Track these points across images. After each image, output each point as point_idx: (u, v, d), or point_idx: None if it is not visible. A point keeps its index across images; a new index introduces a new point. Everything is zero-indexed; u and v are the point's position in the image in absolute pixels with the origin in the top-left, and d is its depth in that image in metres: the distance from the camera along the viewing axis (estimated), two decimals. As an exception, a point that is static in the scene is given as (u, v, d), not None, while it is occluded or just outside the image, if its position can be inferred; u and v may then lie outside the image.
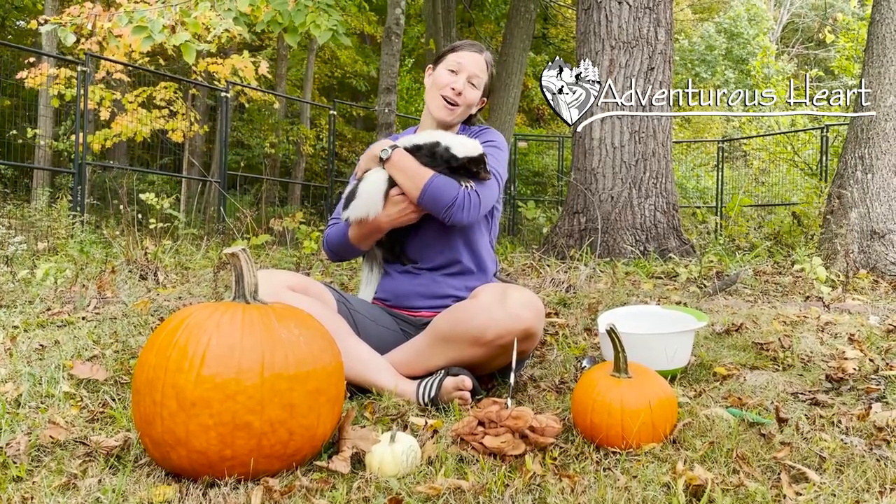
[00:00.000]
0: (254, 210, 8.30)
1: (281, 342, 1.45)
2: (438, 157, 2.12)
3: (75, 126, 8.41)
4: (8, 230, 5.07)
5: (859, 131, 5.39)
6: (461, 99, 2.30)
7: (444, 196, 2.09)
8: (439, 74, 2.32)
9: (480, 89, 2.34)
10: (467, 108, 2.35)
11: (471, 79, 2.31)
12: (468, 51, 2.33)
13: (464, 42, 2.39)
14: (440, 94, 2.30)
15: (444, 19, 11.62)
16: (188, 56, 4.99)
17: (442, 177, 2.11)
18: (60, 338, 2.53)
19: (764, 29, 22.69)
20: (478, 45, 2.37)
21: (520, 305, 1.99)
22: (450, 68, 2.31)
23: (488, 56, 2.37)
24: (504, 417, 1.61)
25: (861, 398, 2.03)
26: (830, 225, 5.30)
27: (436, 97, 2.32)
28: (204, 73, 12.79)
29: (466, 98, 2.31)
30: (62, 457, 1.52)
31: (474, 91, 2.33)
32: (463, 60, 2.30)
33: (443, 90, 2.30)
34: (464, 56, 2.32)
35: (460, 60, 2.30)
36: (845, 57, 12.54)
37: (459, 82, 2.29)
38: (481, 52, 2.35)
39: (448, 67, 2.31)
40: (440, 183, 2.10)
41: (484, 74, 2.34)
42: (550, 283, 4.20)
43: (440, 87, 2.30)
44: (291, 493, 1.36)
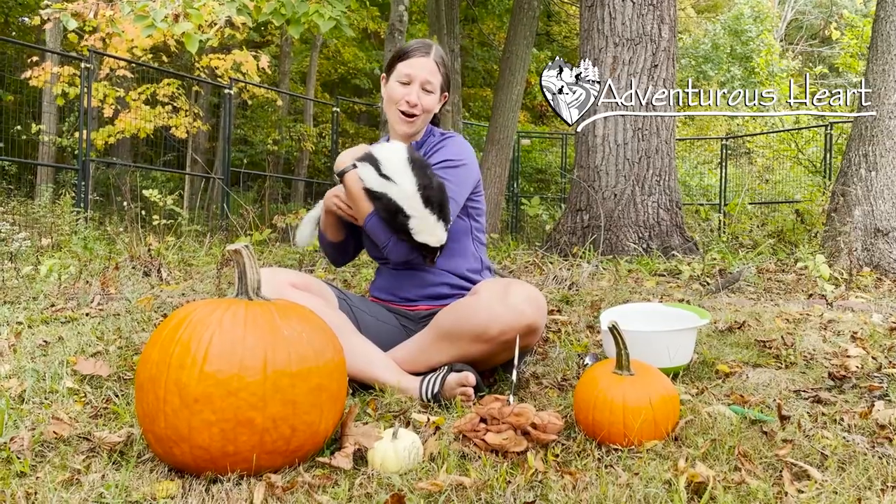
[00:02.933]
0: (257, 207, 8.31)
1: (283, 339, 1.46)
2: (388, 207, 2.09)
3: (79, 123, 8.42)
4: (12, 226, 5.09)
5: (863, 129, 5.37)
6: (418, 109, 2.26)
7: (377, 236, 2.16)
8: (392, 88, 2.27)
9: (437, 91, 2.29)
10: (427, 114, 2.31)
11: (424, 85, 2.25)
12: (416, 56, 2.26)
13: (410, 45, 2.31)
14: (397, 109, 2.27)
15: (446, 16, 11.60)
16: (191, 46, 4.98)
17: (377, 219, 2.12)
18: (64, 334, 2.54)
19: (768, 26, 22.63)
20: (425, 44, 2.30)
21: (522, 300, 1.99)
22: (400, 80, 2.25)
23: (438, 53, 2.31)
24: (506, 414, 1.62)
25: (864, 396, 2.03)
26: (834, 223, 5.29)
27: (393, 111, 2.28)
28: (207, 70, 12.80)
29: (423, 106, 2.27)
30: (66, 452, 1.52)
31: (430, 96, 2.28)
32: (412, 70, 2.25)
33: (398, 104, 2.26)
34: (412, 64, 2.25)
35: (409, 71, 2.25)
36: (850, 54, 12.51)
37: (413, 94, 2.24)
38: (429, 52, 2.28)
39: (399, 80, 2.26)
40: (375, 224, 2.13)
41: (437, 75, 2.28)
42: (553, 280, 4.20)
43: (395, 102, 2.26)
44: (294, 489, 1.36)
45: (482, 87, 18.78)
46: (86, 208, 7.55)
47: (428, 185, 2.06)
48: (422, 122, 2.31)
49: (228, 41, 13.84)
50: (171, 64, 14.83)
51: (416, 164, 2.09)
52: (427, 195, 2.05)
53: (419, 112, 2.27)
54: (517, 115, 10.58)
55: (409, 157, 2.10)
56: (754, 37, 21.69)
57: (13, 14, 16.29)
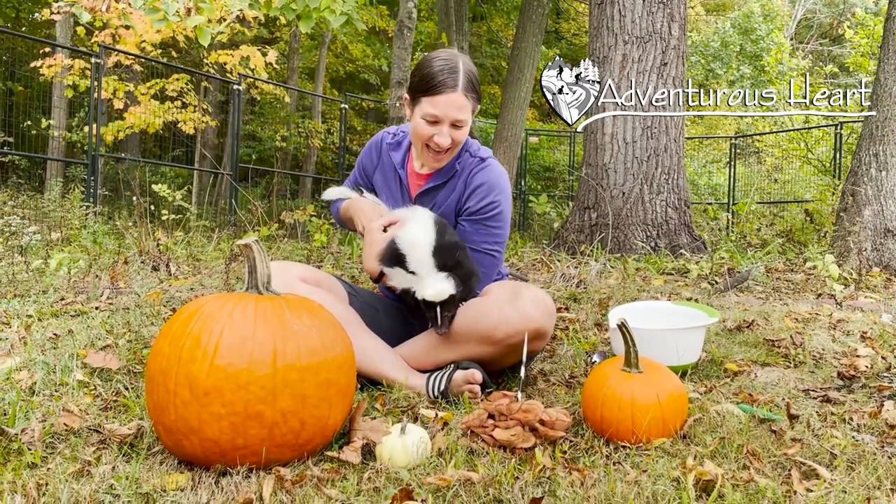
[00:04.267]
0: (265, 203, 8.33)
1: (293, 333, 1.46)
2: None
3: (89, 117, 8.45)
4: (22, 220, 5.11)
5: (874, 128, 5.35)
6: (450, 144, 2.07)
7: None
8: (418, 126, 2.06)
9: (469, 119, 2.07)
10: (458, 146, 2.13)
11: (455, 123, 2.04)
12: (444, 94, 2.00)
13: (435, 76, 2.01)
14: (424, 144, 2.10)
15: (456, 13, 11.59)
16: (203, 39, 4.97)
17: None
18: (74, 327, 2.56)
19: (778, 25, 22.51)
20: (452, 71, 2.02)
21: (531, 304, 1.99)
22: (428, 119, 2.04)
23: (467, 78, 2.04)
24: (514, 410, 1.62)
25: (873, 396, 2.02)
26: (843, 222, 5.27)
27: (420, 145, 2.11)
28: (215, 65, 12.82)
29: (456, 140, 2.08)
30: (76, 444, 1.53)
31: (462, 130, 2.07)
32: (440, 110, 2.01)
33: (429, 143, 2.08)
34: (438, 103, 2.01)
35: (437, 111, 2.01)
36: (861, 53, 12.43)
37: (444, 136, 2.04)
38: (457, 84, 2.01)
39: (426, 119, 2.04)
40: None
41: (468, 108, 2.05)
42: (561, 278, 4.19)
43: (422, 138, 2.08)
44: (303, 483, 1.37)
45: (490, 85, 18.75)
46: (95, 203, 7.58)
47: (455, 265, 1.96)
48: (453, 154, 2.15)
49: (238, 37, 13.89)
50: (180, 60, 14.86)
51: (441, 251, 1.96)
52: (453, 279, 1.96)
53: (451, 147, 2.09)
54: (525, 113, 10.58)
55: (434, 247, 1.95)
56: (764, 35, 21.57)
57: (24, 10, 16.36)
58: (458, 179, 2.18)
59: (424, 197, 2.22)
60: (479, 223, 2.15)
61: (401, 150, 2.29)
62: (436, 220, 2.03)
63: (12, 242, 4.71)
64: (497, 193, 2.15)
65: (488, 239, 2.16)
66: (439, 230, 1.99)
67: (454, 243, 2.00)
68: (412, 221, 2.03)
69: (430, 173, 2.22)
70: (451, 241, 1.99)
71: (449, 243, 1.98)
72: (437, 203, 2.20)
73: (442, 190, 2.20)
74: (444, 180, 2.19)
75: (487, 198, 2.13)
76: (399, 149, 2.29)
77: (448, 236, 2.00)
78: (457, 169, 2.19)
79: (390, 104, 7.69)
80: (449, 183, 2.19)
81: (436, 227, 1.99)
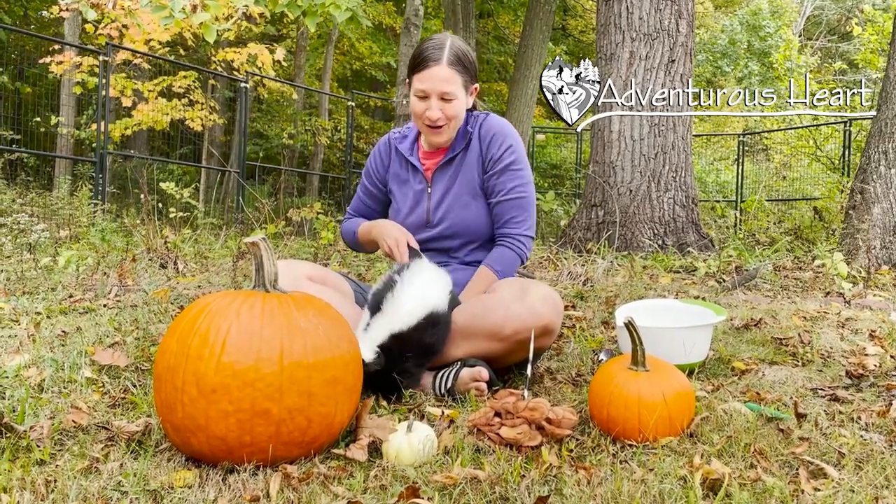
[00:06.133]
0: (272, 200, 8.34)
1: (300, 331, 1.46)
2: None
3: (97, 115, 8.48)
4: (31, 218, 5.14)
5: (883, 126, 5.31)
6: (441, 121, 2.18)
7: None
8: (413, 104, 2.20)
9: (459, 95, 2.18)
10: (455, 120, 2.22)
11: (443, 96, 2.15)
12: (429, 67, 2.13)
13: (421, 52, 2.17)
14: (422, 123, 2.22)
15: (462, 10, 11.58)
16: (209, 35, 4.98)
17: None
18: (82, 324, 2.57)
19: (787, 21, 22.40)
20: (437, 47, 2.15)
21: (539, 301, 1.99)
22: (418, 95, 2.17)
23: (452, 52, 2.15)
24: (521, 409, 1.62)
25: (881, 395, 2.01)
26: (852, 220, 5.24)
27: (419, 123, 2.23)
28: (223, 63, 12.85)
29: (447, 115, 2.18)
30: (84, 441, 1.54)
31: (452, 103, 2.17)
32: (425, 84, 2.14)
33: (422, 119, 2.20)
34: (424, 78, 2.14)
35: (423, 86, 2.14)
36: (870, 50, 12.35)
37: (434, 109, 2.16)
38: (440, 57, 2.13)
39: (416, 95, 2.18)
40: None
41: (454, 80, 2.15)
42: (568, 276, 4.19)
43: (417, 116, 2.21)
44: (309, 480, 1.37)
45: (497, 82, 18.75)
46: (103, 200, 7.61)
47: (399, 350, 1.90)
48: (452, 129, 2.24)
49: (245, 35, 13.90)
50: (187, 57, 14.89)
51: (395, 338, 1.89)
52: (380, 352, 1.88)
53: (444, 122, 2.19)
54: (532, 110, 10.56)
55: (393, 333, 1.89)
56: (772, 32, 21.48)
57: (32, 8, 16.42)
58: (475, 135, 2.29)
59: (442, 172, 2.30)
60: (505, 170, 2.25)
61: (408, 140, 2.38)
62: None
63: (21, 240, 4.74)
64: (508, 137, 2.28)
65: (520, 182, 2.26)
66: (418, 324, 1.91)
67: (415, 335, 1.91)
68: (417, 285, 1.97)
69: (444, 148, 2.31)
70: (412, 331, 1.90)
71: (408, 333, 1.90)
72: (455, 174, 2.28)
73: (461, 155, 2.29)
74: (462, 147, 2.28)
75: (504, 143, 2.26)
76: (406, 140, 2.38)
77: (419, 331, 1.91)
78: (470, 132, 2.30)
79: (397, 102, 7.70)
80: (466, 146, 2.29)
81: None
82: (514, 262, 2.26)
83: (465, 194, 2.27)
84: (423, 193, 2.31)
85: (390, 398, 1.89)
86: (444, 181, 2.29)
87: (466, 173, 2.28)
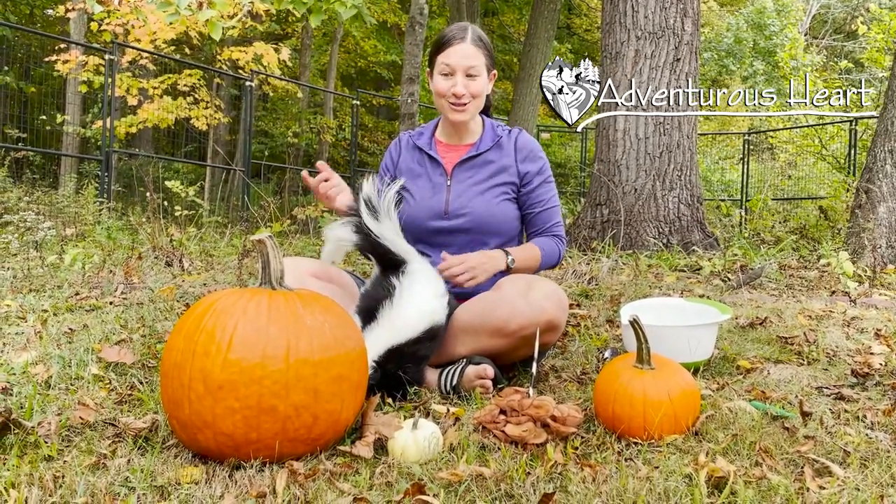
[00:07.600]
0: (277, 199, 8.35)
1: (306, 328, 1.47)
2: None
3: (102, 114, 8.50)
4: (37, 216, 5.16)
5: (889, 124, 5.29)
6: (466, 97, 2.25)
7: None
8: (437, 83, 2.27)
9: (482, 73, 2.27)
10: (478, 99, 2.29)
11: (467, 72, 2.23)
12: (453, 45, 2.23)
13: (445, 34, 2.28)
14: (445, 101, 2.27)
15: (467, 8, 11.57)
16: (214, 33, 4.98)
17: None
18: (89, 322, 2.58)
19: (792, 20, 22.33)
20: (460, 28, 2.28)
21: (543, 297, 1.99)
22: (442, 73, 2.25)
23: (475, 33, 2.27)
24: (526, 406, 1.62)
25: (887, 393, 2.01)
26: (858, 219, 5.22)
27: (442, 103, 2.28)
28: (228, 62, 12.87)
29: (471, 92, 2.25)
30: (92, 437, 1.55)
31: (476, 80, 2.25)
32: (451, 60, 2.22)
33: (446, 97, 2.26)
34: (450, 54, 2.23)
35: (448, 61, 2.23)
36: (876, 49, 12.30)
37: (459, 85, 2.23)
38: (465, 36, 2.24)
39: (441, 72, 2.25)
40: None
41: (479, 57, 2.25)
42: (572, 274, 4.18)
43: (442, 95, 2.26)
44: (315, 477, 1.38)
45: (502, 80, 18.71)
46: (109, 198, 7.63)
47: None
48: (474, 108, 2.30)
49: (250, 33, 13.92)
50: (192, 56, 14.91)
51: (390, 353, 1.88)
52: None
53: (468, 99, 2.25)
54: (537, 109, 10.56)
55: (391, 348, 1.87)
56: (777, 31, 21.41)
57: (38, 7, 16.46)
58: (508, 145, 2.36)
59: (464, 167, 2.33)
60: (543, 183, 2.37)
61: (424, 136, 2.42)
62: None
63: (27, 238, 4.76)
64: (541, 153, 2.42)
65: (554, 192, 2.41)
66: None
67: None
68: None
69: (469, 144, 2.36)
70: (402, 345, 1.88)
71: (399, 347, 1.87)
72: (481, 171, 2.32)
73: (490, 154, 2.33)
74: (489, 146, 2.34)
75: (539, 159, 2.38)
76: (422, 136, 2.42)
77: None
78: (500, 135, 2.37)
79: (402, 100, 7.69)
80: (495, 149, 2.35)
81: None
82: (554, 255, 2.35)
83: (491, 192, 2.29)
84: (442, 186, 2.32)
85: (395, 396, 1.89)
86: (466, 176, 2.31)
87: (496, 174, 2.31)
